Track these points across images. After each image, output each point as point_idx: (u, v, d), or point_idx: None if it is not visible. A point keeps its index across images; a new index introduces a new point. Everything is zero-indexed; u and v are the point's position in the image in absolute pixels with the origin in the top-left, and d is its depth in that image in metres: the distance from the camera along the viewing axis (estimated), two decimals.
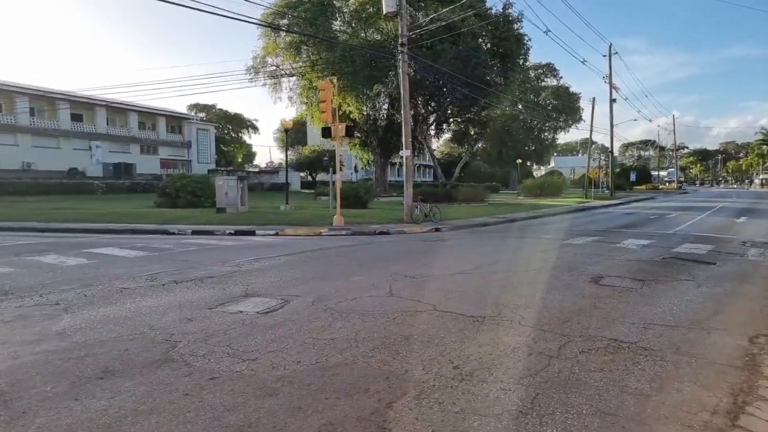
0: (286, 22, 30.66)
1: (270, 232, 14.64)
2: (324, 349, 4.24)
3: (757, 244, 11.82)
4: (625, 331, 4.94)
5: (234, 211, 18.88)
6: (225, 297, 6.15)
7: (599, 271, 8.14)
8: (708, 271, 8.29)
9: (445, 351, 4.26)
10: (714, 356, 4.33)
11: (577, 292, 6.62)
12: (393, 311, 5.50)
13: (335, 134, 15.59)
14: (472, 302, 5.98)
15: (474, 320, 5.22)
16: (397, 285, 6.91)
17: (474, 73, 27.55)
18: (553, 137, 66.50)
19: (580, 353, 4.31)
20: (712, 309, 5.91)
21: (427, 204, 17.87)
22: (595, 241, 12.31)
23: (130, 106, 44.89)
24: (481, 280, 7.31)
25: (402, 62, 16.93)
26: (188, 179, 22.78)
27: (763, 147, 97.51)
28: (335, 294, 6.32)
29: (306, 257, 9.55)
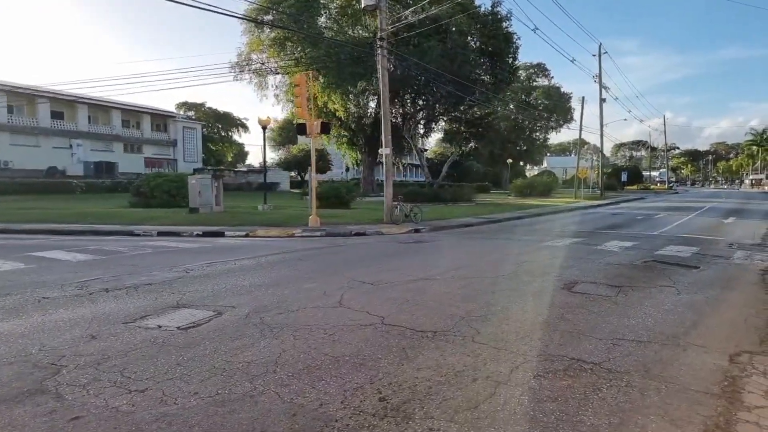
0: (270, 18, 29.95)
1: (240, 233, 13.98)
2: (233, 376, 3.61)
3: (744, 247, 11.32)
4: (591, 349, 4.35)
5: (208, 211, 18.18)
6: (152, 308, 5.51)
7: (575, 276, 7.57)
8: (690, 276, 7.75)
9: (376, 377, 3.65)
10: (688, 380, 3.75)
11: (545, 301, 6.03)
12: (334, 326, 4.88)
13: (310, 131, 14.95)
14: (426, 314, 5.38)
15: (422, 336, 4.62)
16: (351, 293, 6.30)
17: (460, 71, 27.00)
18: (545, 137, 66.13)
19: (534, 378, 3.72)
20: (691, 321, 5.34)
21: (408, 204, 17.28)
22: (576, 242, 11.76)
23: (114, 104, 43.91)
24: (444, 288, 6.71)
25: (381, 57, 16.31)
26: (163, 178, 22.04)
27: (753, 147, 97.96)
28: (277, 305, 5.70)
29: (265, 261, 8.91)
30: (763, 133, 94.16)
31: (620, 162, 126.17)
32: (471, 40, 34.54)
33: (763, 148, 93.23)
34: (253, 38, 31.20)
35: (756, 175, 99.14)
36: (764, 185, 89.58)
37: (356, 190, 25.25)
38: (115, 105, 44.33)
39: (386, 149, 16.55)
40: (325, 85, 28.94)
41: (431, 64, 25.86)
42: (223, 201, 19.38)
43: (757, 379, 3.87)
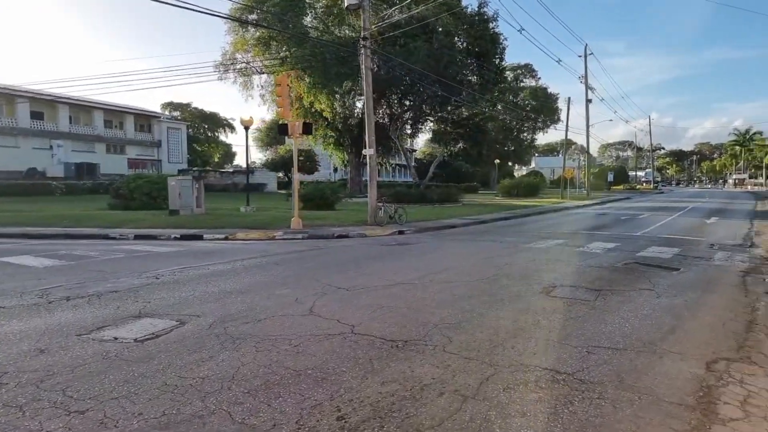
0: (254, 17, 29.60)
1: (219, 236, 13.69)
2: (184, 394, 3.40)
3: (725, 247, 11.32)
4: (565, 358, 4.20)
5: (188, 213, 17.83)
6: (111, 318, 5.26)
7: (554, 279, 7.44)
8: (670, 279, 7.66)
9: (337, 393, 3.45)
10: (662, 391, 3.61)
11: (522, 306, 5.89)
12: (300, 336, 4.68)
13: (292, 131, 14.69)
14: (399, 321, 5.20)
15: (392, 346, 4.44)
16: (324, 300, 6.10)
17: (446, 72, 26.89)
18: (532, 138, 66.39)
19: (504, 390, 3.55)
20: (668, 326, 5.22)
21: (393, 205, 17.10)
22: (559, 244, 11.67)
23: (96, 104, 43.14)
24: (420, 293, 6.53)
25: (365, 57, 16.11)
26: (143, 180, 21.59)
27: (735, 148, 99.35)
28: (245, 313, 5.48)
29: (240, 266, 8.67)
30: (746, 133, 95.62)
31: (607, 162, 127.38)
32: (458, 41, 34.46)
33: (745, 148, 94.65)
34: (237, 38, 30.82)
35: (739, 174, 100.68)
36: (747, 184, 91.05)
37: (341, 191, 25.01)
38: (98, 105, 43.56)
39: (370, 150, 16.36)
40: (311, 86, 28.69)
41: (417, 64, 25.72)
42: (204, 203, 19.04)
43: (733, 389, 3.75)
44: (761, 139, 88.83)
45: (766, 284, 7.47)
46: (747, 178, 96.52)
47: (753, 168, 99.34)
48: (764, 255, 10.25)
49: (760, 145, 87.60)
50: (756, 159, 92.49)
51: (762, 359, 4.44)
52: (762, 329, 5.35)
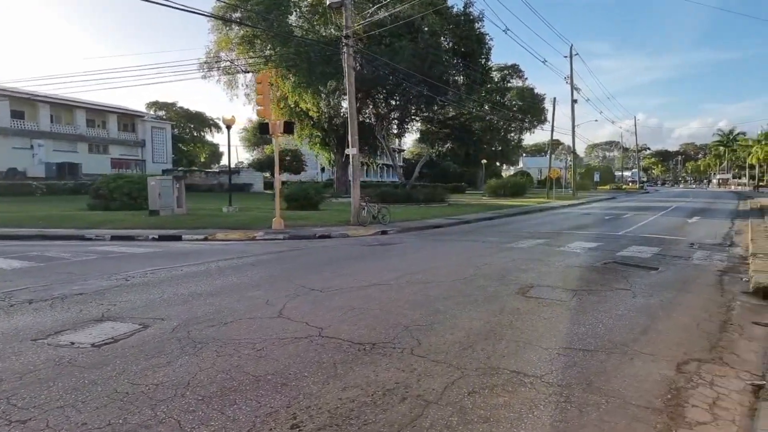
0: (238, 15, 29.28)
1: (198, 237, 13.47)
2: (134, 402, 3.24)
3: (705, 246, 11.38)
4: (535, 360, 4.12)
5: (169, 213, 17.55)
6: (72, 322, 5.07)
7: (532, 279, 7.38)
8: (648, 278, 7.65)
9: (296, 399, 3.32)
10: (630, 394, 3.54)
11: (497, 307, 5.80)
12: (265, 339, 4.54)
13: (273, 130, 14.51)
14: (369, 324, 5.08)
15: (360, 349, 4.32)
16: (296, 302, 5.96)
17: (431, 71, 26.82)
18: (519, 138, 66.64)
19: (469, 395, 3.45)
20: (642, 326, 5.17)
21: (376, 205, 16.98)
22: (541, 243, 11.64)
23: (78, 103, 42.42)
24: (395, 294, 6.42)
25: (347, 56, 15.97)
26: (124, 179, 21.22)
27: (720, 148, 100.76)
28: (211, 316, 5.32)
29: (215, 267, 8.49)
30: (730, 133, 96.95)
31: (594, 162, 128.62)
32: (444, 41, 34.46)
33: (729, 149, 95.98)
34: (221, 36, 30.46)
35: (723, 174, 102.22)
36: (731, 184, 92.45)
37: (325, 191, 24.77)
38: (80, 104, 42.85)
39: (353, 149, 16.23)
40: (296, 85, 28.44)
41: (402, 63, 25.64)
42: (186, 203, 18.76)
43: (702, 391, 3.69)
44: (744, 139, 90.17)
45: (743, 284, 7.48)
46: (731, 178, 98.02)
47: (736, 168, 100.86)
48: (743, 254, 10.31)
49: (743, 145, 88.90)
50: (739, 159, 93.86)
51: (734, 360, 4.40)
52: (736, 329, 5.33)
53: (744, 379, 4.00)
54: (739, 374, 4.09)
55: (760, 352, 4.71)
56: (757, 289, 6.96)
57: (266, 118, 14.58)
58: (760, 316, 5.97)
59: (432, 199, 28.88)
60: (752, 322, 5.68)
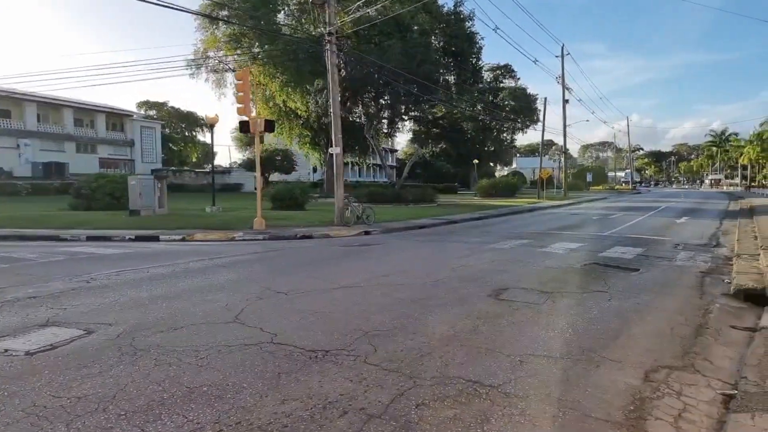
0: (225, 13, 28.97)
1: (176, 237, 13.17)
2: (50, 417, 2.98)
3: (690, 247, 11.20)
4: (494, 369, 3.89)
5: (150, 213, 17.23)
6: (13, 328, 4.80)
7: (508, 281, 7.16)
8: (627, 280, 7.44)
9: (226, 414, 3.07)
10: (590, 405, 3.31)
11: (465, 310, 5.57)
12: (212, 346, 4.28)
13: (253, 129, 14.23)
14: (328, 329, 4.83)
15: (311, 357, 4.07)
16: (257, 305, 5.71)
17: (419, 70, 26.61)
18: (512, 138, 66.49)
19: (417, 407, 3.21)
20: (614, 331, 4.95)
21: (360, 205, 16.72)
22: (523, 244, 11.43)
23: (65, 102, 41.91)
24: (362, 297, 6.18)
25: (330, 53, 15.72)
26: (106, 179, 20.86)
27: (712, 149, 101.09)
28: (164, 321, 5.06)
29: (183, 269, 8.21)
30: (722, 134, 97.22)
31: (587, 163, 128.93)
32: (435, 41, 34.32)
33: (721, 149, 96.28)
34: (208, 35, 30.14)
35: (715, 175, 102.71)
36: (723, 185, 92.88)
37: (313, 191, 24.41)
38: (67, 103, 42.34)
39: (336, 149, 15.98)
40: (284, 83, 28.14)
41: (391, 62, 25.41)
42: (168, 203, 18.44)
43: (668, 401, 3.47)
44: (736, 140, 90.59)
45: (724, 285, 7.29)
46: (723, 179, 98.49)
47: (729, 168, 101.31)
48: (727, 255, 10.14)
49: (735, 146, 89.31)
50: (731, 159, 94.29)
51: (706, 367, 4.19)
52: (712, 334, 5.13)
53: (715, 389, 3.79)
54: (710, 383, 3.87)
55: (736, 358, 4.50)
56: (738, 291, 6.78)
57: (247, 116, 14.29)
58: (738, 320, 5.78)
59: (421, 200, 28.65)
60: (730, 326, 5.49)
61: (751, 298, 6.63)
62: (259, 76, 29.54)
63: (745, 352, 4.57)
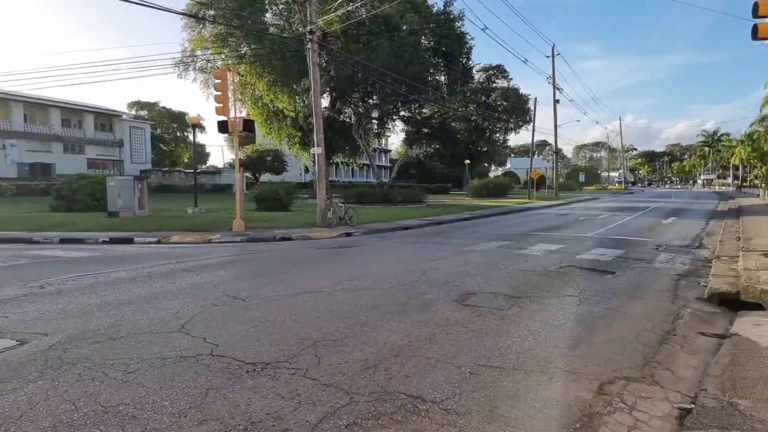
0: (212, 12, 28.63)
1: (151, 239, 12.90)
2: None
3: (671, 248, 11.04)
4: (440, 382, 3.67)
5: (130, 215, 16.92)
6: None
7: (477, 285, 6.94)
8: (601, 283, 7.25)
9: None
10: (534, 423, 3.10)
11: (425, 317, 5.35)
12: (145, 359, 4.04)
13: (232, 129, 13.97)
14: (276, 338, 4.60)
15: (248, 370, 3.84)
16: (207, 313, 5.46)
17: (407, 70, 26.39)
18: (504, 138, 66.38)
19: (347, 427, 2.99)
20: (575, 338, 4.75)
21: (343, 206, 16.49)
22: (502, 246, 11.24)
23: (52, 102, 41.42)
24: (322, 303, 5.95)
25: (312, 52, 15.47)
26: (87, 180, 20.50)
27: (704, 149, 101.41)
28: (104, 330, 4.81)
29: (145, 273, 7.95)
30: (714, 134, 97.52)
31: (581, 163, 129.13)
32: (425, 40, 34.10)
33: (713, 149, 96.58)
34: (195, 35, 29.77)
35: (707, 175, 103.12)
36: (715, 185, 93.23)
37: (300, 191, 24.05)
38: (54, 103, 41.86)
39: (318, 149, 15.74)
40: (271, 83, 27.85)
41: (379, 62, 25.18)
42: (149, 204, 18.13)
43: (619, 418, 3.27)
44: (728, 140, 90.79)
45: (700, 289, 7.11)
46: (715, 179, 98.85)
47: (721, 168, 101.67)
48: (708, 257, 9.98)
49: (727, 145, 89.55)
50: (723, 159, 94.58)
51: (666, 378, 4.00)
52: (678, 341, 4.94)
53: (672, 402, 3.59)
54: (668, 395, 3.68)
55: (700, 368, 4.31)
56: (712, 295, 6.61)
57: (225, 116, 14.03)
58: (709, 326, 5.60)
59: (410, 200, 28.44)
60: (699, 333, 5.30)
61: (726, 302, 6.46)
62: (247, 76, 29.23)
63: (711, 362, 4.40)
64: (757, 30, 8.00)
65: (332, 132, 35.46)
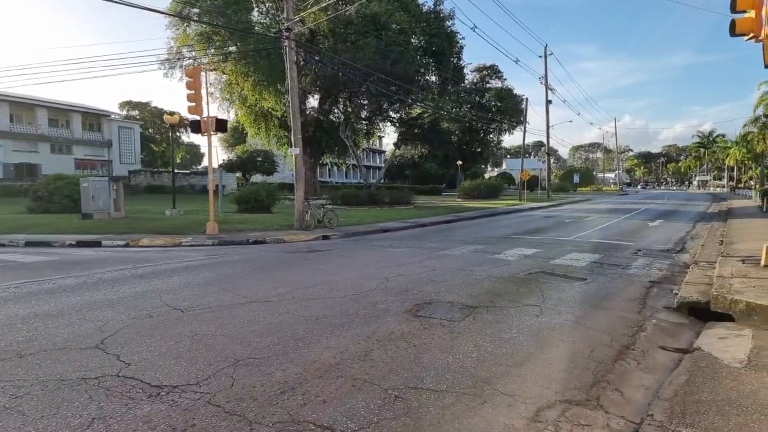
0: (197, 10, 28.23)
1: (119, 242, 12.53)
2: None
3: (651, 253, 10.72)
4: (359, 408, 3.32)
5: (105, 217, 16.52)
6: None
7: (437, 293, 6.60)
8: (568, 291, 6.92)
9: None
10: None
11: (370, 330, 5.00)
12: (43, 380, 3.68)
13: (205, 128, 13.62)
14: (197, 356, 4.25)
15: (151, 394, 3.48)
16: (136, 326, 5.11)
17: (393, 69, 26.03)
18: (498, 139, 66.15)
19: None
20: (524, 354, 4.41)
21: (323, 208, 16.13)
22: (477, 250, 10.90)
23: (39, 102, 40.93)
24: (262, 315, 5.59)
25: (289, 50, 15.12)
26: (64, 181, 20.06)
27: (700, 150, 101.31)
28: (13, 346, 4.46)
29: (93, 280, 7.58)
30: (709, 135, 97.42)
31: (578, 164, 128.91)
32: (415, 40, 33.74)
33: (709, 150, 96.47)
34: (180, 33, 29.38)
35: (703, 176, 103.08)
36: (709, 186, 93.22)
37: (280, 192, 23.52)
38: (41, 103, 41.37)
39: (295, 149, 15.38)
40: (256, 82, 27.47)
41: (364, 60, 24.82)
42: (125, 205, 17.73)
43: None
44: (723, 141, 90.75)
45: (670, 297, 6.79)
46: (710, 180, 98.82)
47: (716, 170, 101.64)
48: (688, 261, 9.67)
49: (722, 147, 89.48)
50: (719, 161, 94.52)
51: (613, 400, 3.67)
52: (636, 357, 4.61)
53: (614, 429, 3.26)
54: (609, 422, 3.34)
55: (653, 388, 3.98)
56: (681, 305, 6.28)
57: (198, 116, 13.66)
58: (672, 339, 5.27)
59: (398, 202, 28.08)
60: (659, 347, 4.97)
61: (696, 312, 6.15)
62: (232, 75, 28.86)
63: (665, 381, 4.06)
64: (735, 26, 7.70)
65: (321, 132, 35.11)
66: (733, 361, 4.36)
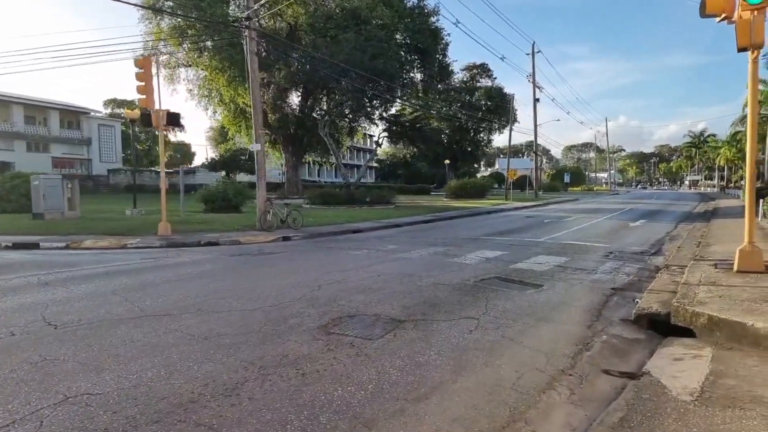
0: (171, 3, 27.36)
1: (59, 244, 11.69)
2: None
3: (623, 256, 9.99)
4: None
5: (58, 217, 15.64)
6: None
7: (367, 304, 5.82)
8: (517, 300, 6.15)
9: None
10: None
11: (258, 353, 4.22)
12: None
13: (156, 122, 12.78)
14: (16, 392, 3.45)
15: None
16: None
17: (373, 64, 25.23)
18: (488, 138, 65.48)
19: None
20: (432, 384, 3.64)
21: (286, 208, 15.30)
22: (437, 253, 10.13)
23: (14, 98, 39.82)
24: (147, 332, 4.78)
25: (249, 40, 14.29)
26: (21, 179, 19.10)
27: (691, 149, 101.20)
28: None
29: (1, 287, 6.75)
30: (700, 135, 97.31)
31: (570, 163, 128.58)
32: (400, 36, 32.97)
33: (700, 150, 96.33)
34: (153, 26, 28.46)
35: (694, 176, 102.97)
36: (700, 186, 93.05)
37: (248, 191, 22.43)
38: (16, 99, 40.27)
39: (256, 145, 14.57)
40: (231, 78, 26.62)
41: (341, 55, 24.02)
42: (80, 205, 16.84)
43: None
44: (714, 140, 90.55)
45: (628, 307, 6.03)
46: (701, 180, 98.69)
47: (707, 170, 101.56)
48: (659, 265, 8.94)
49: (713, 146, 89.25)
50: (710, 160, 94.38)
51: None
52: (572, 384, 3.84)
53: None
54: None
55: (580, 427, 3.22)
56: (639, 317, 5.53)
57: (149, 108, 12.83)
58: (620, 360, 4.50)
59: (378, 201, 27.27)
60: (603, 370, 4.21)
61: (656, 325, 5.40)
62: (208, 71, 28.01)
63: (596, 419, 3.30)
64: (705, 5, 7.02)
65: (303, 130, 34.31)
66: (683, 392, 3.60)
